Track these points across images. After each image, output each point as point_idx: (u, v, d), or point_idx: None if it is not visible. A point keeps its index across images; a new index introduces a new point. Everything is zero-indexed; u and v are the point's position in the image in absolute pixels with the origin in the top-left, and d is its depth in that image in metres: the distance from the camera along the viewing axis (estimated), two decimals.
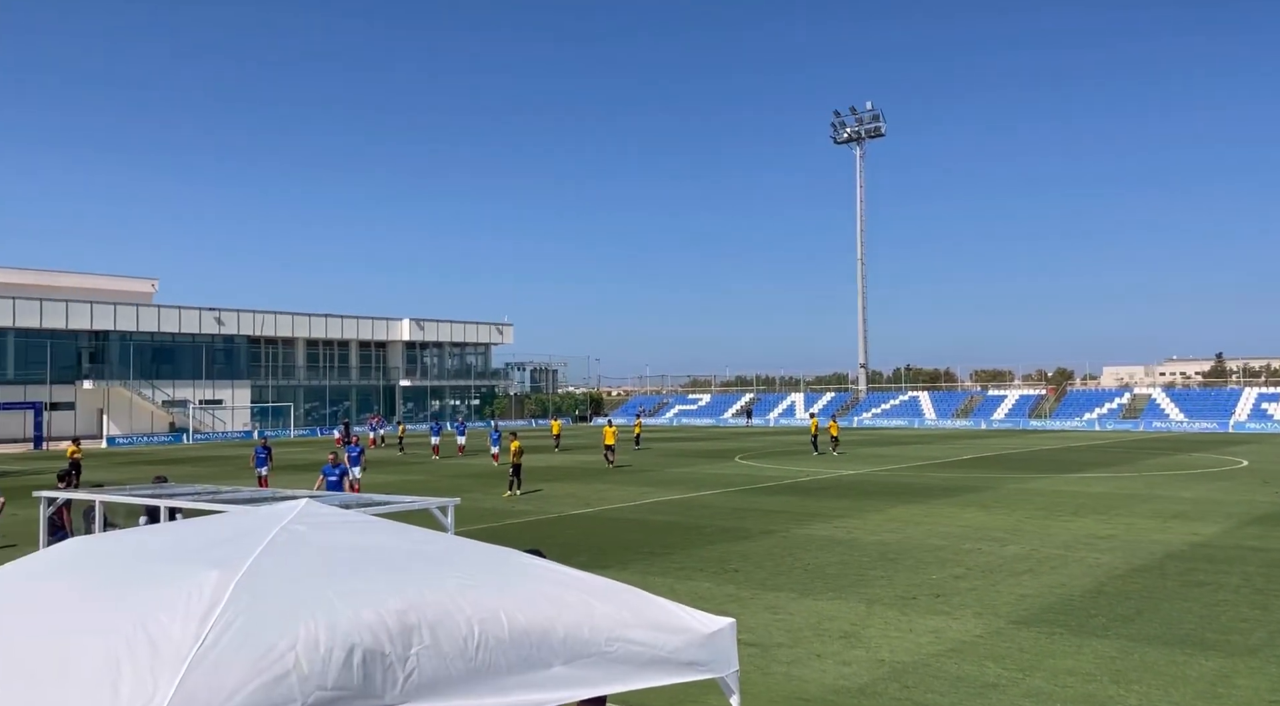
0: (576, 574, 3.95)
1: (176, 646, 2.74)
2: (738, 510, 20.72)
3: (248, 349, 71.26)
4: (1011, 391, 75.43)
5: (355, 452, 25.44)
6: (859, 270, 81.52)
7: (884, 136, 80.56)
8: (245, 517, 4.08)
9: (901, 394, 77.98)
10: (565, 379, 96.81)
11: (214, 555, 3.34)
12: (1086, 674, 8.61)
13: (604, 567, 13.28)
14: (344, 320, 76.81)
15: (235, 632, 2.82)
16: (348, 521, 4.06)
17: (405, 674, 3.03)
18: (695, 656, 3.86)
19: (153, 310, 66.76)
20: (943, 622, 10.53)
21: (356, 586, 3.23)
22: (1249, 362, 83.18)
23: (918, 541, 16.12)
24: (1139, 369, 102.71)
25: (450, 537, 4.52)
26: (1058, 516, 19.06)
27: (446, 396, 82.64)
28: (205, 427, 65.78)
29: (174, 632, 2.81)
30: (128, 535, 4.10)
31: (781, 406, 79.48)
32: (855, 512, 19.95)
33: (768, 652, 9.40)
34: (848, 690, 8.27)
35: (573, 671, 3.48)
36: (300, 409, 72.22)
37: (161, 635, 2.81)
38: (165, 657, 2.71)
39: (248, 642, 2.80)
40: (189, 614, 2.88)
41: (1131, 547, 15.26)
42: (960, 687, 8.27)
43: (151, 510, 9.96)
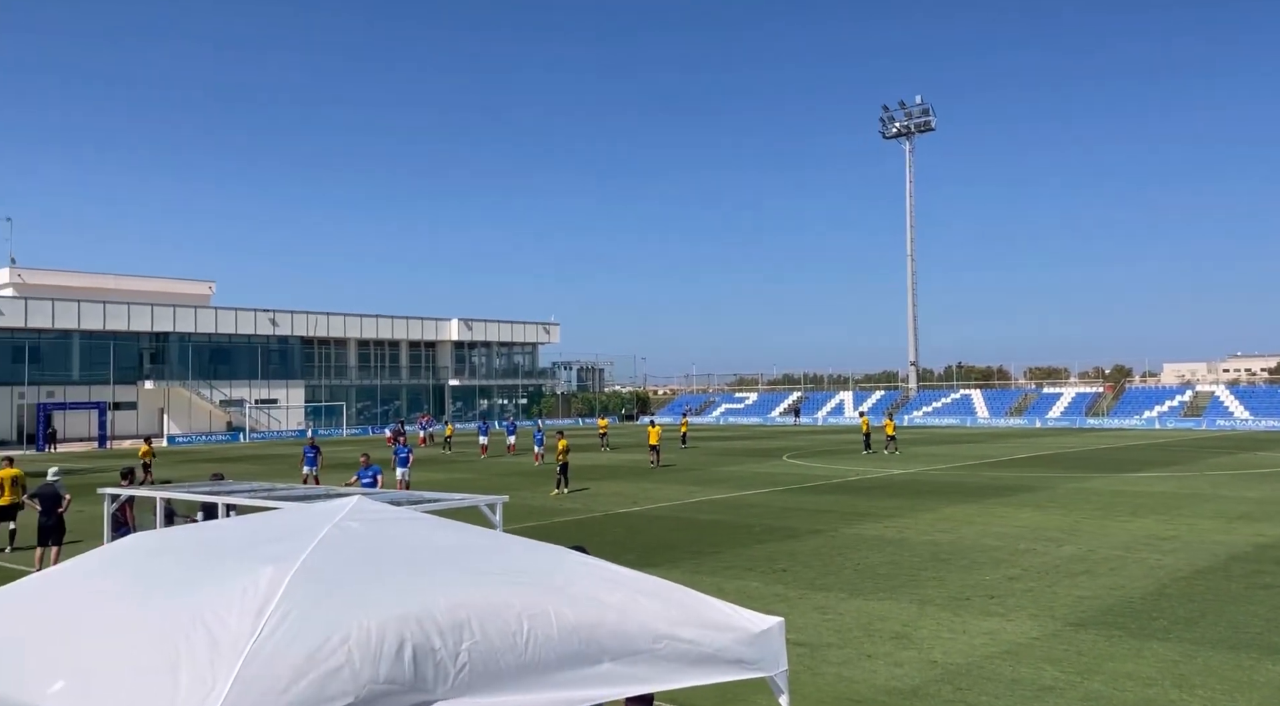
0: (625, 571, 3.95)
1: (234, 639, 2.80)
2: (786, 509, 20.58)
3: (301, 349, 72.69)
4: (1067, 389, 73.81)
5: (404, 453, 25.63)
6: (909, 266, 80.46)
7: (934, 131, 79.46)
8: (299, 514, 4.15)
9: (953, 392, 76.78)
10: (611, 378, 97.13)
11: (269, 550, 3.40)
12: (1147, 678, 8.39)
13: (651, 566, 13.28)
14: (394, 320, 77.94)
15: (290, 626, 2.87)
16: (398, 518, 4.11)
17: (456, 669, 3.06)
18: (744, 655, 3.84)
19: (210, 312, 68.45)
20: (997, 624, 10.34)
21: (407, 582, 3.27)
22: None
23: (971, 542, 15.85)
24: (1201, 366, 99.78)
25: (499, 534, 4.55)
26: (1116, 516, 18.60)
27: (494, 395, 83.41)
28: (261, 427, 67.23)
29: (231, 626, 2.87)
30: (186, 531, 4.20)
31: (830, 405, 78.77)
32: (906, 512, 19.68)
33: (817, 653, 9.31)
34: (899, 691, 8.16)
35: (621, 668, 3.48)
36: (352, 408, 73.44)
37: (219, 628, 2.87)
38: (223, 650, 2.77)
39: (302, 636, 2.85)
40: (245, 608, 2.94)
41: (1194, 549, 14.83)
42: (1015, 690, 8.11)
43: (208, 507, 10.21)
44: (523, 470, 32.38)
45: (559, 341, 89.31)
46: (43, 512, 14.38)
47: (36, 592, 3.65)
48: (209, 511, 10.22)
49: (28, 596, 3.62)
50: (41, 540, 14.34)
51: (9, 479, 16.85)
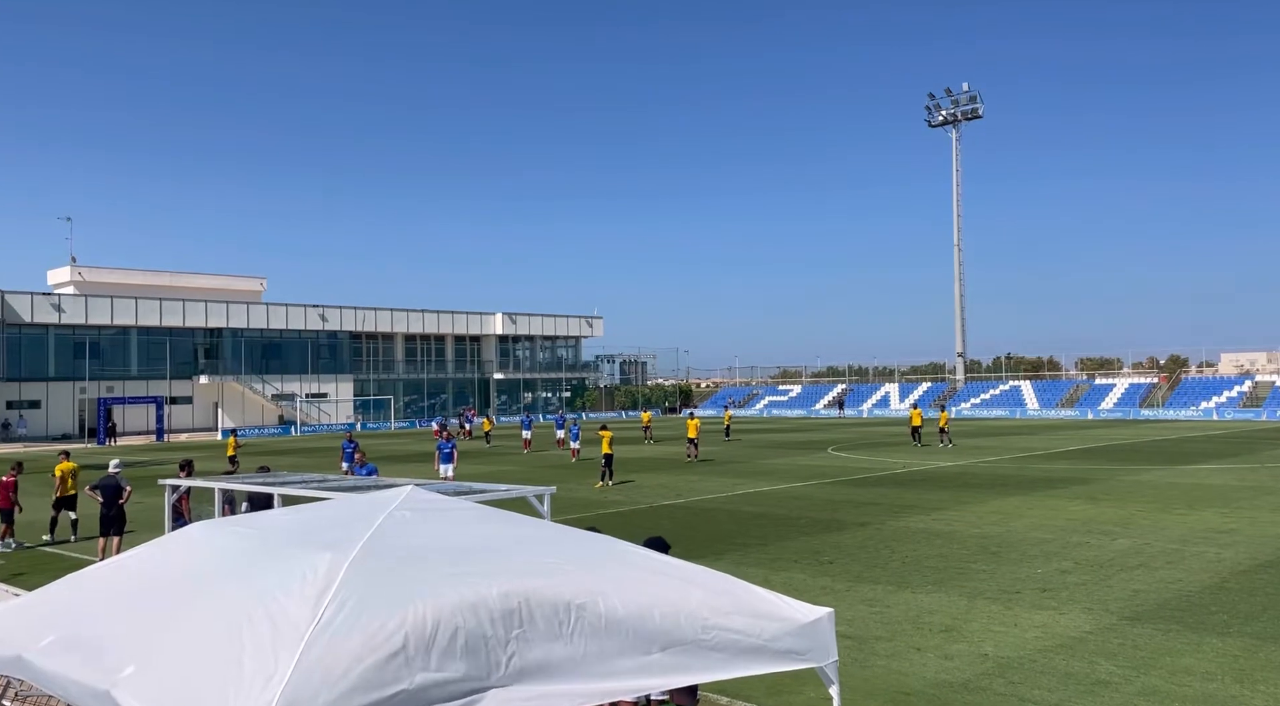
0: (673, 562, 3.97)
1: (295, 624, 2.87)
2: (831, 502, 20.45)
3: (350, 344, 73.88)
4: (1120, 380, 72.17)
5: (448, 448, 24.35)
6: (956, 256, 79.30)
7: (981, 118, 78.10)
8: (354, 504, 4.23)
9: (1002, 383, 75.54)
10: (654, 371, 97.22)
11: (326, 538, 3.48)
12: (1206, 673, 8.20)
13: (697, 558, 13.26)
14: (439, 315, 78.84)
15: (348, 613, 2.94)
16: (450, 508, 4.18)
17: (507, 656, 3.10)
18: (793, 645, 3.84)
19: (262, 308, 69.88)
20: (1050, 617, 10.17)
21: (460, 570, 3.32)
22: None
23: (1021, 534, 15.61)
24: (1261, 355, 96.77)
25: (549, 524, 4.59)
26: (1172, 509, 18.17)
27: (538, 389, 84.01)
28: (311, 420, 68.49)
29: (291, 612, 2.95)
30: (244, 520, 4.30)
31: (875, 397, 77.98)
32: (954, 505, 19.44)
33: (865, 645, 9.25)
34: (950, 684, 8.07)
35: (671, 658, 3.50)
36: (400, 402, 74.47)
37: (280, 613, 2.94)
38: (285, 635, 2.84)
39: (360, 623, 2.91)
40: (305, 594, 3.01)
41: (1256, 542, 14.43)
42: (1069, 684, 7.99)
43: (254, 498, 10.43)
44: (565, 463, 32.57)
45: (602, 335, 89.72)
46: (104, 504, 14.82)
47: (104, 581, 3.77)
48: (255, 502, 10.44)
49: (96, 584, 3.74)
50: (104, 530, 14.79)
51: (68, 471, 17.48)
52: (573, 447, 34.14)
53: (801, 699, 7.56)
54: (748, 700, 7.58)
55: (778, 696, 7.65)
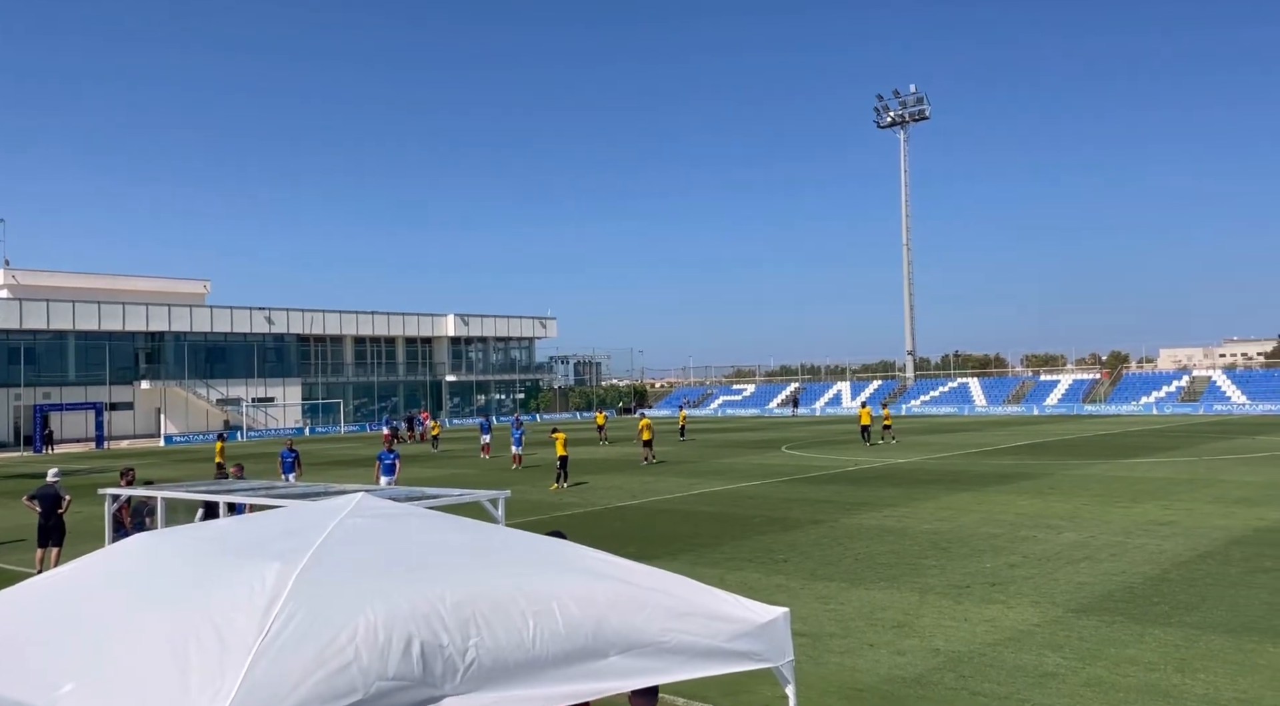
0: (629, 564, 3.95)
1: (242, 638, 2.80)
2: (786, 500, 20.61)
3: (297, 347, 72.63)
4: (1064, 376, 73.93)
5: (390, 459, 22.19)
6: (904, 256, 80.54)
7: (928, 119, 79.42)
8: (303, 512, 4.15)
9: (950, 381, 76.89)
10: (609, 371, 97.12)
11: (275, 548, 3.40)
12: (1149, 663, 8.42)
13: (653, 559, 13.29)
14: (390, 317, 77.88)
15: (298, 624, 2.87)
16: (403, 514, 4.11)
17: (464, 665, 3.06)
18: (750, 646, 3.84)
19: (205, 311, 68.35)
20: (999, 611, 10.37)
21: (414, 578, 3.27)
22: None
23: (971, 530, 15.89)
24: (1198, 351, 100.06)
25: (503, 529, 4.55)
26: (1116, 502, 18.65)
27: (492, 391, 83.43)
28: (258, 425, 67.17)
29: (239, 624, 2.87)
30: (190, 530, 4.19)
31: (827, 395, 78.84)
32: (906, 501, 19.72)
33: (820, 642, 9.33)
34: (903, 680, 8.18)
35: (628, 661, 3.48)
36: (349, 405, 73.40)
37: (227, 627, 2.86)
38: (232, 649, 2.76)
39: (310, 634, 2.84)
40: (253, 606, 2.93)
41: (1194, 534, 14.87)
42: (1018, 677, 8.14)
43: (209, 505, 10.20)
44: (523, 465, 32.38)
45: (556, 336, 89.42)
46: (43, 514, 14.34)
47: (43, 594, 3.64)
48: (209, 510, 10.22)
49: (34, 598, 3.61)
50: (42, 541, 14.31)
51: None
52: (515, 453, 31.57)
53: (758, 698, 7.60)
54: (704, 700, 7.60)
55: (734, 696, 7.67)
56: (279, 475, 24.38)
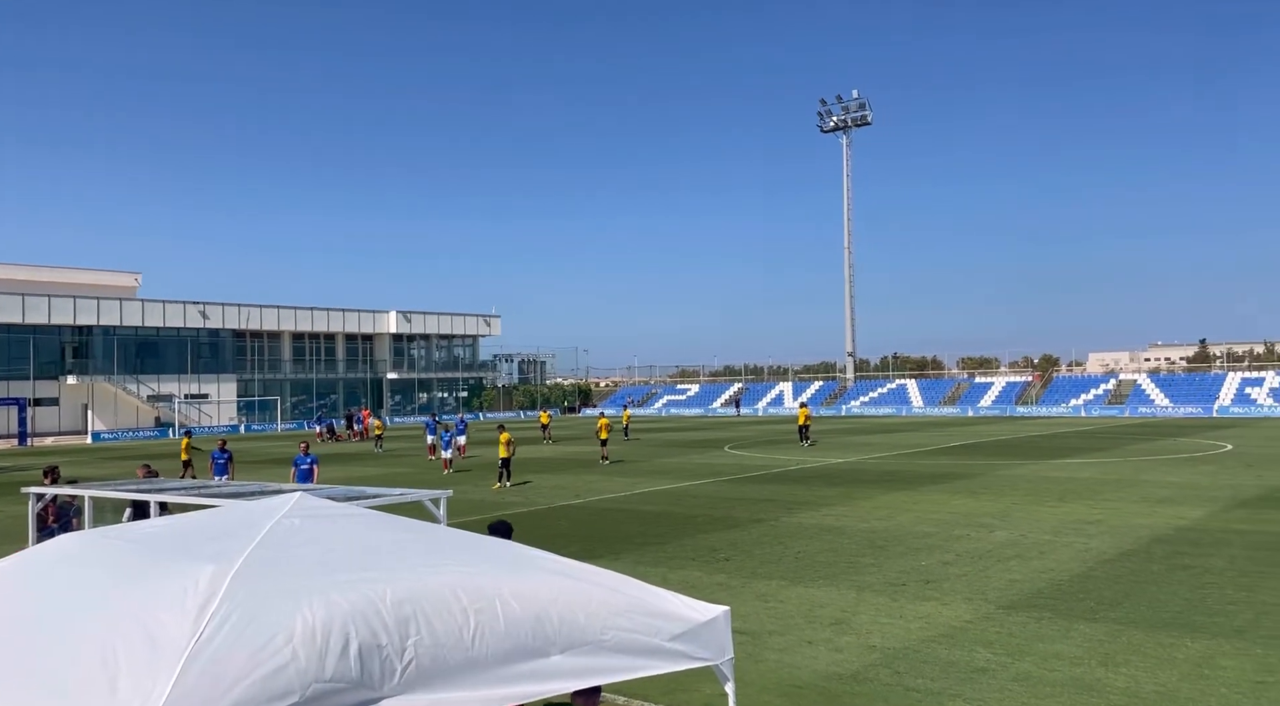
0: (571, 563, 3.96)
1: (173, 641, 2.74)
2: (728, 499, 20.78)
3: (233, 343, 70.95)
4: (998, 378, 75.85)
5: (306, 464, 20.49)
6: (846, 259, 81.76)
7: (870, 125, 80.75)
8: (239, 511, 4.07)
9: (889, 382, 78.31)
10: (554, 370, 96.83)
11: (209, 549, 3.33)
12: (1074, 657, 8.70)
13: (596, 558, 13.30)
14: (330, 313, 76.53)
15: (232, 626, 2.82)
16: (341, 515, 4.06)
17: (403, 665, 3.04)
18: (691, 645, 3.88)
19: (136, 304, 66.36)
20: (933, 608, 10.60)
21: (352, 578, 3.23)
22: (1232, 347, 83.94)
23: (907, 528, 16.22)
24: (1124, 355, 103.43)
25: (444, 529, 4.52)
26: (1045, 502, 19.20)
27: (434, 389, 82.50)
28: (191, 422, 65.42)
29: (170, 627, 2.81)
30: (120, 530, 4.08)
31: (770, 396, 79.68)
32: (845, 500, 20.04)
33: (759, 640, 9.44)
34: (840, 676, 8.32)
35: (569, 660, 3.49)
36: (286, 402, 71.94)
37: (158, 630, 2.80)
38: (163, 652, 2.71)
39: (244, 636, 2.80)
40: (185, 608, 2.88)
41: (1118, 532, 15.39)
42: (950, 672, 8.34)
43: (138, 505, 9.92)
44: (463, 465, 32.09)
45: (500, 334, 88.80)
46: None
47: None
48: (139, 510, 9.93)
49: None
50: None
51: None
52: (444, 457, 29.91)
53: (698, 696, 7.67)
54: (645, 699, 7.63)
55: (674, 695, 7.73)
56: (210, 478, 22.66)
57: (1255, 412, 58.72)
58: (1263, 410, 59.04)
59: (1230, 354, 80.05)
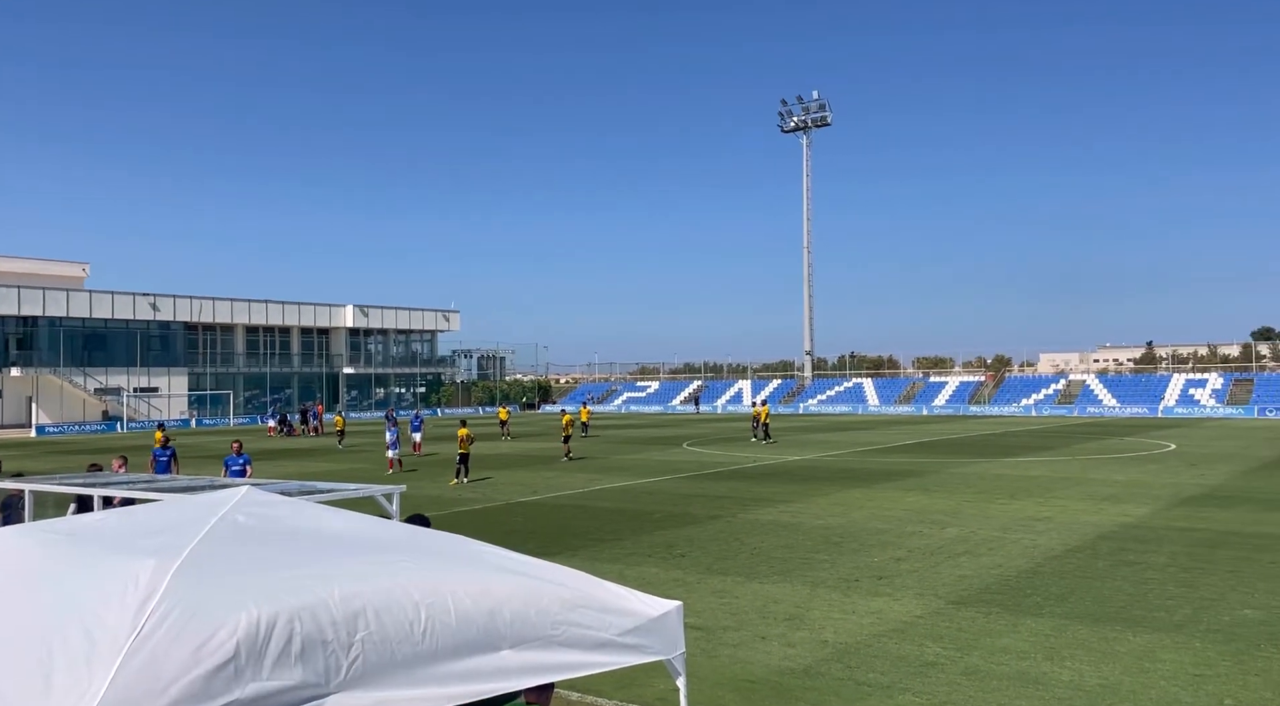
0: (525, 559, 3.95)
1: (112, 636, 2.68)
2: (685, 496, 20.86)
3: (184, 335, 69.58)
4: (952, 378, 77.05)
5: (238, 465, 17.94)
6: (805, 258, 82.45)
7: (830, 126, 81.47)
8: (184, 505, 3.99)
9: (846, 381, 79.15)
10: (513, 366, 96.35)
11: (151, 543, 3.26)
12: (1021, 651, 8.87)
13: (552, 554, 13.28)
14: (285, 306, 75.36)
15: (172, 623, 2.77)
16: (290, 509, 4.00)
17: (349, 661, 3.00)
18: (642, 639, 3.89)
19: (84, 295, 64.77)
20: (885, 604, 10.75)
21: (299, 573, 3.19)
22: (1177, 349, 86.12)
23: (861, 525, 16.41)
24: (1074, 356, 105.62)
25: (396, 524, 4.48)
26: (996, 499, 19.56)
27: (391, 384, 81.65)
28: (140, 416, 64.05)
29: (109, 623, 2.75)
30: (60, 524, 3.98)
31: (729, 393, 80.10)
32: (800, 497, 20.22)
33: (713, 636, 9.50)
34: (792, 671, 8.40)
35: (520, 656, 3.48)
36: (239, 397, 70.73)
37: (96, 625, 2.74)
38: (100, 648, 2.65)
39: (185, 633, 2.75)
40: (125, 603, 2.81)
41: (1066, 529, 15.73)
42: (901, 667, 8.46)
43: (82, 499, 9.69)
44: (418, 460, 31.82)
45: (459, 329, 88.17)
46: None
47: None
48: (83, 505, 9.69)
49: None
50: None
51: None
52: (389, 458, 28.26)
53: (651, 691, 7.69)
54: (597, 694, 7.64)
55: (627, 690, 7.74)
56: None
57: (1198, 413, 60.35)
58: (1205, 410, 60.70)
59: (1175, 356, 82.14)
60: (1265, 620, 9.86)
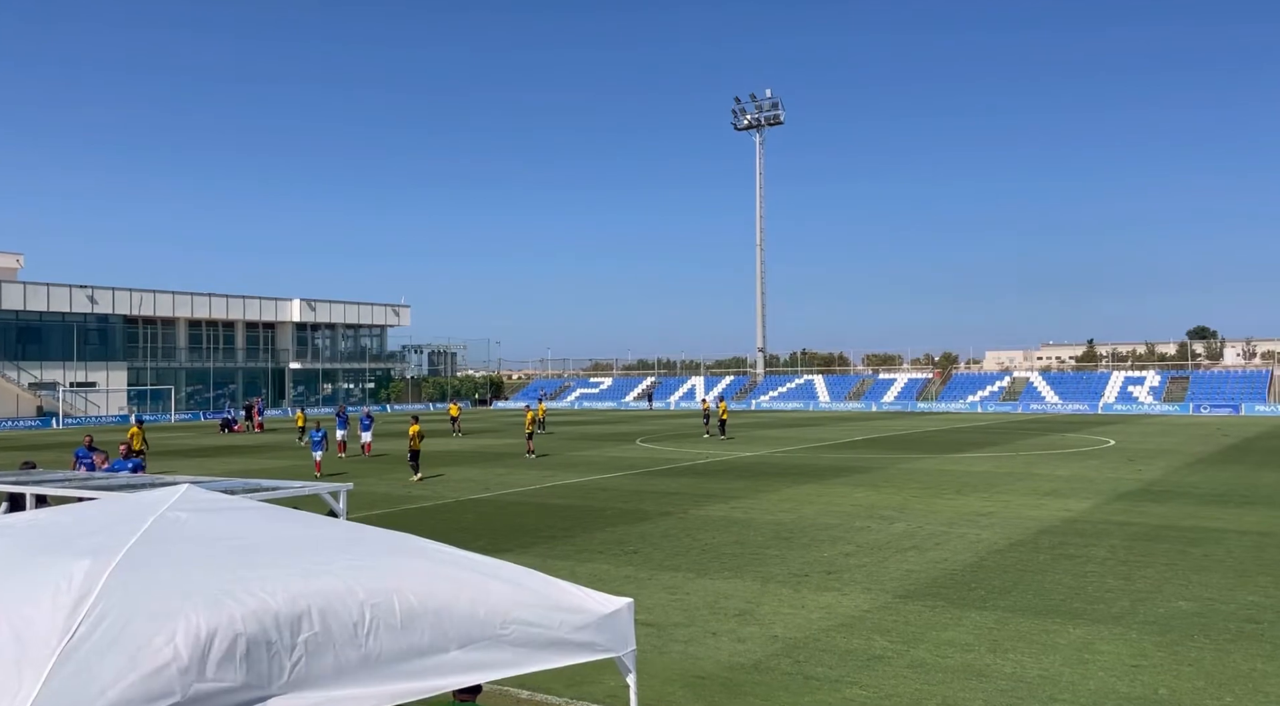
0: (474, 557, 3.91)
1: (43, 640, 2.60)
2: (637, 492, 20.88)
3: (124, 329, 67.74)
4: (901, 375, 78.22)
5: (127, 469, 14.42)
6: (758, 255, 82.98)
7: (783, 124, 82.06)
8: (121, 504, 3.88)
9: (797, 377, 79.89)
10: (464, 362, 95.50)
11: (86, 543, 3.17)
12: (966, 644, 9.04)
13: (503, 552, 13.20)
14: (229, 300, 73.78)
15: (108, 625, 2.69)
16: (232, 507, 3.91)
17: (292, 662, 2.94)
18: (593, 637, 3.87)
19: (18, 287, 62.70)
20: (833, 598, 10.87)
21: (241, 574, 3.12)
22: (1117, 348, 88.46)
23: (811, 520, 16.58)
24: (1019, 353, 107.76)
25: (342, 522, 4.41)
26: (942, 495, 19.90)
27: (339, 379, 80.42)
28: (77, 411, 62.26)
29: (40, 626, 2.66)
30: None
31: (682, 389, 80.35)
32: (752, 493, 20.37)
33: (665, 632, 9.52)
34: (742, 666, 8.45)
35: (469, 655, 3.44)
36: (182, 392, 69.11)
37: (26, 628, 2.65)
38: (32, 651, 2.56)
39: (123, 636, 2.67)
40: (57, 606, 2.73)
41: (1009, 523, 16.06)
42: (849, 661, 8.57)
43: (14, 498, 9.38)
44: (368, 458, 31.39)
45: (409, 324, 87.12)
46: None
47: None
48: (15, 503, 9.39)
49: None
50: None
51: None
52: (315, 460, 26.01)
53: (601, 689, 7.68)
54: (547, 691, 7.61)
55: (577, 687, 7.73)
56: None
57: (1136, 410, 62.10)
58: (1143, 407, 62.48)
59: (1115, 354, 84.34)
60: (1198, 611, 10.17)
